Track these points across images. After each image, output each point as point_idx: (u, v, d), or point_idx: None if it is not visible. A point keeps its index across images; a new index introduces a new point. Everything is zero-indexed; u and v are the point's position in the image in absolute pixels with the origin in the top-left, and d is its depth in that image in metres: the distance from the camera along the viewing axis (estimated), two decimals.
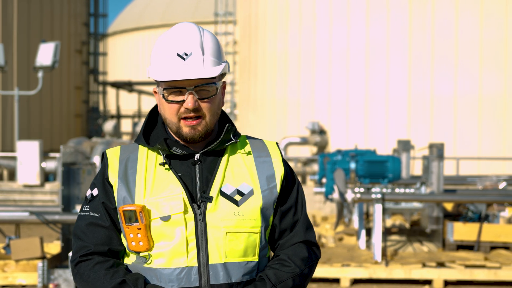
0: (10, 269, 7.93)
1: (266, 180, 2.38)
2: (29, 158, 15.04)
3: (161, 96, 2.33)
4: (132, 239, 2.28)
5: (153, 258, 2.29)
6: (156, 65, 2.32)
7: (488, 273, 8.72)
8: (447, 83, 19.46)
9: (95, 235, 2.35)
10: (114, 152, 2.43)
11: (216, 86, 2.32)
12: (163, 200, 2.29)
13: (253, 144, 2.47)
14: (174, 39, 2.30)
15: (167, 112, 2.33)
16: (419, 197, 9.84)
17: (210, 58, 2.30)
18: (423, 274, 8.82)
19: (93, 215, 2.37)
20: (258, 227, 2.34)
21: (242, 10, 25.48)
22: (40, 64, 17.52)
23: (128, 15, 45.83)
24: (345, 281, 8.88)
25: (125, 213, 2.27)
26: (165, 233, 2.27)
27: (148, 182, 2.32)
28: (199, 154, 2.36)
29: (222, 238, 2.29)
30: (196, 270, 2.27)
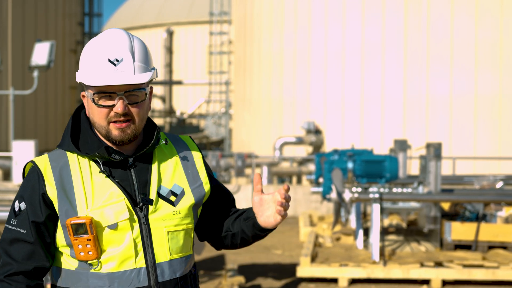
0: None
1: (193, 178, 2.50)
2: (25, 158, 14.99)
3: (90, 100, 2.35)
4: (81, 250, 2.31)
5: (102, 263, 2.34)
6: (85, 69, 2.35)
7: (486, 272, 8.72)
8: (443, 83, 19.47)
9: (21, 252, 2.35)
10: (43, 162, 2.40)
11: (145, 91, 2.38)
12: (106, 208, 2.33)
13: (175, 142, 2.56)
14: (105, 45, 2.33)
15: (96, 116, 2.35)
16: (417, 196, 9.83)
17: (139, 64, 2.35)
18: (421, 274, 8.82)
19: (20, 230, 2.35)
20: (193, 223, 2.48)
21: (237, 9, 25.45)
22: (36, 63, 17.46)
23: (122, 15, 45.76)
24: (343, 281, 8.87)
25: (73, 226, 2.28)
26: (113, 240, 2.33)
27: (88, 191, 2.33)
28: (133, 159, 2.41)
29: (165, 237, 2.39)
30: (144, 270, 2.36)
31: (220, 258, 10.71)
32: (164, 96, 40.43)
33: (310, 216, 13.95)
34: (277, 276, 9.42)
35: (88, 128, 2.43)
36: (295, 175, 19.55)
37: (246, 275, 9.16)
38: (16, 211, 2.38)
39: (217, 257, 10.78)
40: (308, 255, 9.15)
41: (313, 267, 8.94)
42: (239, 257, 10.85)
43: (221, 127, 30.64)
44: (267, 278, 9.29)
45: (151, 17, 42.77)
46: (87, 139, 2.42)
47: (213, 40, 30.91)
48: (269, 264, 10.34)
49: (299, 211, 16.40)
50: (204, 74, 37.58)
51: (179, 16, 41.50)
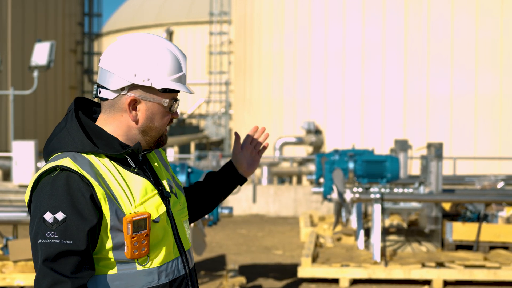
0: (8, 270, 7.87)
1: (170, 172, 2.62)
2: (25, 158, 14.97)
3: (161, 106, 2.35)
4: (136, 247, 2.25)
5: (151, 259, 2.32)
6: (170, 75, 2.34)
7: (488, 273, 8.70)
8: (443, 83, 19.46)
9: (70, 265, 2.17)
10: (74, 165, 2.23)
11: None
12: (147, 202, 2.32)
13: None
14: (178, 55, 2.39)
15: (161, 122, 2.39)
16: (418, 197, 9.80)
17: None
18: (422, 274, 8.80)
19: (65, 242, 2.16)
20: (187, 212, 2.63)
21: (237, 9, 25.43)
22: (36, 63, 17.44)
23: (122, 15, 45.74)
24: (344, 281, 8.85)
25: (135, 222, 2.24)
26: (156, 233, 2.34)
27: (125, 189, 2.29)
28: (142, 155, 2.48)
29: (184, 226, 2.52)
30: (180, 260, 2.44)
31: (221, 259, 10.70)
32: None
33: (310, 216, 13.93)
34: (278, 276, 9.40)
35: (101, 128, 2.34)
36: (295, 175, 19.53)
37: (247, 276, 9.14)
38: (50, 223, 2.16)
39: (217, 258, 10.77)
40: (309, 255, 9.13)
41: (314, 268, 8.92)
42: (239, 257, 10.84)
43: (221, 127, 30.63)
44: (268, 278, 9.28)
45: (150, 17, 42.76)
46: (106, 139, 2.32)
47: (213, 40, 30.89)
48: (270, 265, 10.32)
49: (299, 211, 16.39)
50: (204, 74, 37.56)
51: (179, 16, 41.49)
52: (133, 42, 2.33)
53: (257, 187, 16.65)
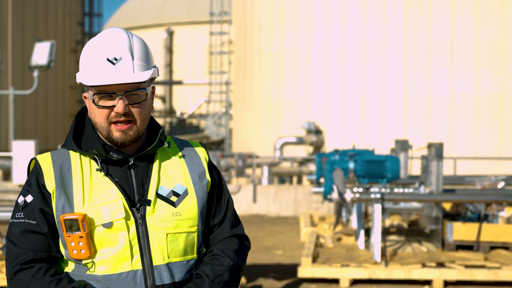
0: None
1: (198, 179, 2.44)
2: (25, 158, 14.97)
3: (91, 101, 2.32)
4: (73, 248, 2.27)
5: (96, 265, 2.29)
6: (85, 70, 2.32)
7: (488, 273, 8.69)
8: (444, 83, 19.44)
9: (33, 242, 2.31)
10: (45, 159, 2.38)
11: (146, 91, 2.34)
12: (103, 206, 2.29)
13: (180, 145, 2.51)
14: (104, 44, 2.30)
15: (98, 117, 2.32)
16: (418, 197, 9.79)
17: (139, 63, 2.31)
18: (423, 274, 8.79)
19: (29, 222, 2.32)
20: (196, 226, 2.41)
21: (237, 9, 25.42)
22: (36, 63, 17.43)
23: (122, 15, 45.73)
24: (344, 282, 8.84)
25: (66, 222, 2.25)
26: (107, 240, 2.29)
27: (86, 189, 2.31)
28: (133, 158, 2.38)
29: (163, 239, 2.33)
30: (141, 273, 2.30)
31: None
32: (164, 96, 40.41)
33: (311, 216, 13.92)
34: (278, 276, 9.39)
35: (91, 128, 2.41)
36: (296, 175, 19.52)
37: (247, 276, 9.13)
38: (21, 204, 2.35)
39: None
40: (309, 255, 9.12)
41: (314, 268, 8.91)
42: None
43: (221, 127, 30.62)
44: (268, 278, 9.27)
45: (151, 17, 42.74)
46: (89, 138, 2.39)
47: (213, 40, 30.88)
48: (270, 265, 10.31)
49: (300, 211, 16.38)
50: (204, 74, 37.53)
51: (179, 16, 41.47)
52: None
53: (258, 187, 16.64)
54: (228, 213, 2.51)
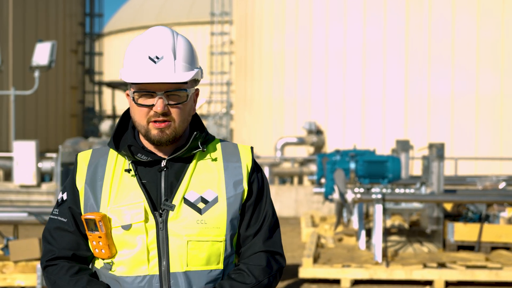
0: (8, 270, 7.86)
1: (233, 187, 2.35)
2: (26, 158, 14.95)
3: (131, 99, 2.31)
4: (95, 246, 2.30)
5: (115, 266, 2.30)
6: (127, 67, 2.30)
7: (490, 273, 8.68)
8: (444, 83, 19.43)
9: (61, 240, 2.37)
10: (85, 156, 2.42)
11: (187, 92, 2.30)
12: (125, 208, 2.29)
13: (225, 149, 2.43)
14: (147, 42, 2.28)
15: (137, 115, 2.31)
16: (419, 197, 9.78)
17: (181, 63, 2.28)
18: (424, 274, 8.78)
19: (61, 219, 2.38)
20: (223, 235, 2.32)
21: (238, 9, 25.42)
22: (37, 63, 17.42)
23: (123, 15, 45.73)
24: (345, 282, 8.83)
25: (87, 221, 2.29)
26: (127, 241, 2.28)
27: (113, 189, 2.32)
28: (166, 161, 2.34)
29: (183, 246, 2.27)
30: (157, 279, 2.27)
31: None
32: None
33: (312, 216, 13.91)
34: None
35: (131, 127, 2.42)
36: (297, 176, 19.51)
37: None
38: (58, 201, 2.41)
39: None
40: (310, 255, 9.11)
41: (315, 268, 8.91)
42: None
43: (222, 127, 30.61)
44: None
45: (151, 18, 42.74)
46: (127, 138, 2.40)
47: (214, 41, 30.88)
48: None
49: (300, 212, 16.37)
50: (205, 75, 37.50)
51: (180, 16, 41.47)
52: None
53: None
54: (263, 226, 2.42)
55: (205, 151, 2.37)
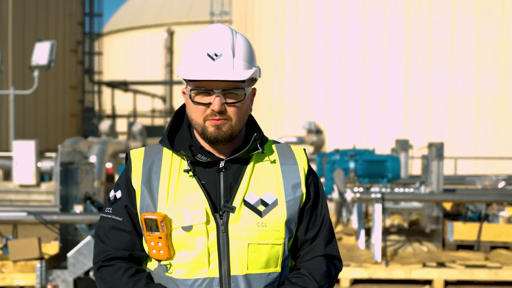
0: (7, 270, 7.85)
1: (291, 190, 2.32)
2: (25, 158, 14.96)
3: (188, 96, 2.29)
4: (153, 247, 2.25)
5: (173, 268, 2.25)
6: (185, 64, 2.27)
7: (489, 273, 8.68)
8: (444, 83, 19.43)
9: (117, 239, 2.32)
10: (138, 154, 2.37)
11: (244, 91, 2.28)
12: (185, 209, 2.24)
13: (280, 151, 2.40)
14: (206, 39, 2.25)
15: (193, 113, 2.28)
16: (419, 196, 9.78)
17: (240, 62, 2.25)
18: (423, 274, 8.78)
19: (116, 218, 2.33)
20: (282, 239, 2.29)
21: (238, 9, 25.41)
22: (36, 63, 17.42)
23: (123, 15, 45.72)
24: (345, 282, 8.83)
25: (147, 221, 2.23)
26: (186, 243, 2.24)
27: (171, 189, 2.27)
28: (224, 162, 2.31)
29: (244, 249, 2.24)
30: (217, 282, 2.23)
31: None
32: (164, 96, 40.39)
33: None
34: None
35: (186, 126, 2.39)
36: None
37: None
38: (111, 199, 2.36)
39: None
40: None
41: None
42: None
43: None
44: None
45: (151, 17, 42.73)
46: (183, 137, 2.36)
47: None
48: None
49: None
50: None
51: (180, 16, 41.47)
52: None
53: None
54: (322, 230, 2.38)
55: (264, 152, 2.34)
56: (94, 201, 8.03)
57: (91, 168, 8.32)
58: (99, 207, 8.06)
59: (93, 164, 8.49)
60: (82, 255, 7.14)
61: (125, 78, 39.56)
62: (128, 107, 39.52)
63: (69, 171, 7.75)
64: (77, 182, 7.76)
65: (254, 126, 2.44)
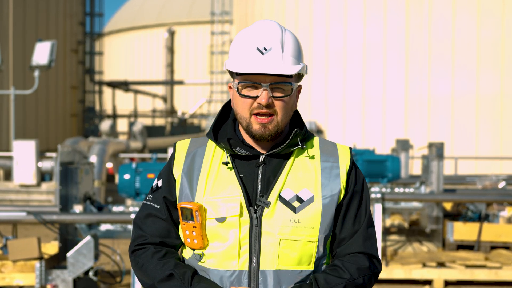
0: (7, 270, 7.85)
1: (329, 187, 2.31)
2: (25, 158, 14.96)
3: (235, 90, 2.30)
4: (188, 236, 2.29)
5: (206, 258, 2.28)
6: (234, 58, 2.30)
7: (489, 273, 8.66)
8: (445, 83, 19.42)
9: (153, 226, 2.38)
10: (183, 145, 2.42)
11: (292, 86, 2.30)
12: (221, 200, 2.27)
13: (323, 148, 2.40)
14: (255, 34, 2.28)
15: (240, 107, 2.29)
16: (419, 196, 9.76)
17: (289, 57, 2.28)
18: (423, 274, 8.77)
19: (154, 206, 2.39)
20: (316, 236, 2.28)
21: (238, 9, 25.41)
22: (36, 63, 17.41)
23: (124, 15, 45.72)
24: None
25: (182, 210, 2.28)
26: (219, 234, 2.26)
27: (210, 180, 2.30)
28: (264, 156, 2.33)
29: (275, 244, 2.24)
30: (246, 275, 2.25)
31: None
32: (165, 96, 40.40)
33: None
34: None
35: (231, 119, 2.41)
36: None
37: None
38: (153, 187, 2.42)
39: None
40: None
41: None
42: None
43: None
44: None
45: (152, 17, 42.74)
46: (226, 130, 2.39)
47: (214, 40, 30.88)
48: None
49: None
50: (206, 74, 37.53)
51: (180, 16, 41.47)
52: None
53: None
54: (361, 228, 2.35)
55: (304, 148, 2.35)
56: (94, 201, 8.03)
57: (91, 168, 8.32)
58: (99, 207, 8.05)
59: (93, 164, 8.48)
60: (81, 255, 7.13)
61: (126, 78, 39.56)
62: (129, 107, 39.52)
63: (68, 171, 7.74)
64: (77, 182, 7.75)
65: (298, 122, 2.44)
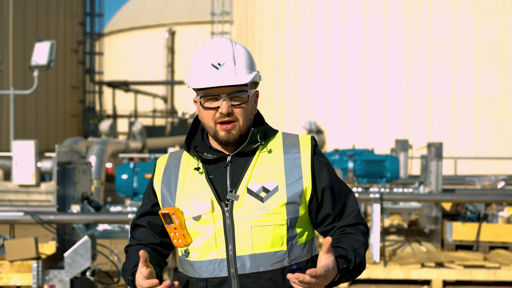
0: (4, 270, 7.84)
1: (292, 175, 2.58)
2: (25, 158, 14.93)
3: (198, 103, 2.60)
4: (173, 237, 2.61)
5: (190, 252, 2.60)
6: (193, 75, 2.60)
7: (488, 273, 8.65)
8: (445, 83, 19.40)
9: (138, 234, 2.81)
10: (162, 160, 2.78)
11: (247, 93, 2.58)
12: (196, 201, 2.59)
13: (286, 141, 2.68)
14: (209, 51, 2.58)
15: (205, 118, 2.60)
16: (418, 196, 9.75)
17: (241, 68, 2.56)
18: (422, 274, 8.75)
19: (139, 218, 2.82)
20: (284, 220, 2.54)
21: (238, 9, 25.40)
22: (36, 63, 17.40)
23: (124, 15, 45.72)
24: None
25: (163, 215, 2.60)
26: (198, 231, 2.58)
27: (185, 186, 2.63)
28: (230, 157, 2.62)
29: (247, 232, 2.53)
30: (225, 262, 2.55)
31: None
32: (165, 96, 40.40)
33: None
34: None
35: (200, 130, 2.72)
36: None
37: None
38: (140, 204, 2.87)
39: None
40: None
41: None
42: None
43: None
44: None
45: (152, 17, 42.74)
46: (196, 140, 2.70)
47: None
48: None
49: None
50: None
51: (181, 16, 41.47)
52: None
53: None
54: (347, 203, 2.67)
55: (263, 144, 2.63)
56: (91, 201, 8.01)
57: (89, 168, 8.30)
58: (96, 207, 8.04)
59: (90, 164, 8.46)
60: (79, 255, 7.12)
61: (126, 78, 39.56)
62: (129, 107, 39.53)
63: (66, 171, 7.72)
64: (75, 182, 7.73)
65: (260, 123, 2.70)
